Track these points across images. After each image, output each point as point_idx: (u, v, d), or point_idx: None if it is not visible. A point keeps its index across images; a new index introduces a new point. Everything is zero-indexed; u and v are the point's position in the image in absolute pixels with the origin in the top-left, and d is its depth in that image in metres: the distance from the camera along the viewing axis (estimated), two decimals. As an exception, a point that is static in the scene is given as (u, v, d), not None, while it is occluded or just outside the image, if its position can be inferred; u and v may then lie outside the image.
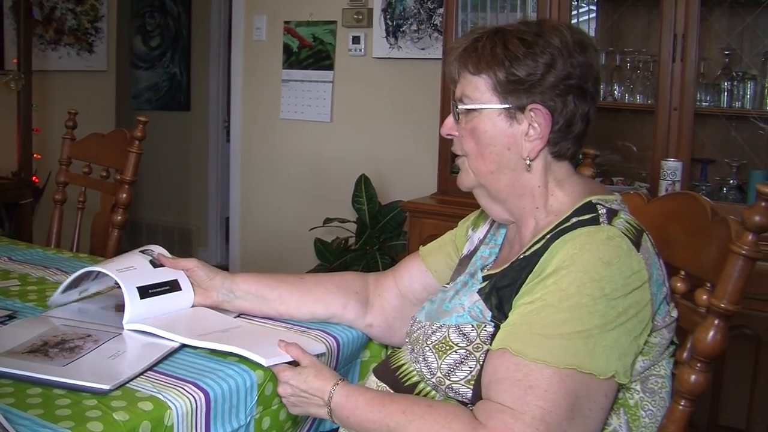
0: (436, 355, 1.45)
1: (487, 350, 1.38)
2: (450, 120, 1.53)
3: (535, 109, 1.43)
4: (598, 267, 1.31)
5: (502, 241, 1.61)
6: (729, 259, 1.36)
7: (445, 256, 1.75)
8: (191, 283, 1.77)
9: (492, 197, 1.52)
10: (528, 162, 1.46)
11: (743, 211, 1.36)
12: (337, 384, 1.46)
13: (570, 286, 1.30)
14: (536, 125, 1.43)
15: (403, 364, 1.56)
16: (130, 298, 1.65)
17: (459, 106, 1.49)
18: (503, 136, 1.45)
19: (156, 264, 1.76)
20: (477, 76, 1.45)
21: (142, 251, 1.80)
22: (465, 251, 1.69)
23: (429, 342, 1.48)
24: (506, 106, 1.44)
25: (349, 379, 1.72)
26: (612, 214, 1.40)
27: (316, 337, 1.69)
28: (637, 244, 1.36)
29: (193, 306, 1.76)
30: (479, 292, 1.48)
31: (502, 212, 1.53)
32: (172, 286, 1.74)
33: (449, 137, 1.54)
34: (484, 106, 1.45)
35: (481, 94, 1.45)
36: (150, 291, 1.69)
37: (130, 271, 1.71)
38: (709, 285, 1.46)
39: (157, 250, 1.81)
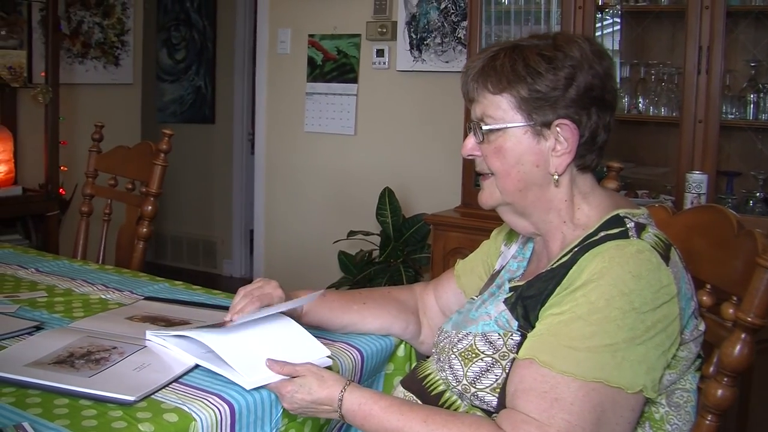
0: (462, 362, 1.45)
1: (513, 358, 1.38)
2: (471, 140, 1.50)
3: (562, 124, 1.42)
4: (628, 280, 1.30)
5: (530, 255, 1.60)
6: (755, 272, 1.35)
7: (477, 279, 1.74)
8: None
9: (517, 213, 1.51)
10: (556, 177, 1.45)
11: (770, 224, 1.35)
12: (344, 390, 1.44)
13: (599, 299, 1.30)
14: (563, 140, 1.43)
15: (429, 374, 1.56)
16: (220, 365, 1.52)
17: (483, 127, 1.47)
18: (531, 154, 1.44)
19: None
20: (499, 96, 1.44)
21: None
22: (497, 267, 1.69)
23: (455, 350, 1.48)
24: (531, 123, 1.43)
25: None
26: (640, 227, 1.39)
27: (338, 348, 1.68)
28: (666, 258, 1.35)
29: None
30: (505, 301, 1.48)
31: (528, 226, 1.53)
32: None
33: (471, 158, 1.52)
34: (509, 125, 1.44)
35: (504, 112, 1.44)
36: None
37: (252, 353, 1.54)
38: (735, 298, 1.45)
39: (282, 320, 1.65)
